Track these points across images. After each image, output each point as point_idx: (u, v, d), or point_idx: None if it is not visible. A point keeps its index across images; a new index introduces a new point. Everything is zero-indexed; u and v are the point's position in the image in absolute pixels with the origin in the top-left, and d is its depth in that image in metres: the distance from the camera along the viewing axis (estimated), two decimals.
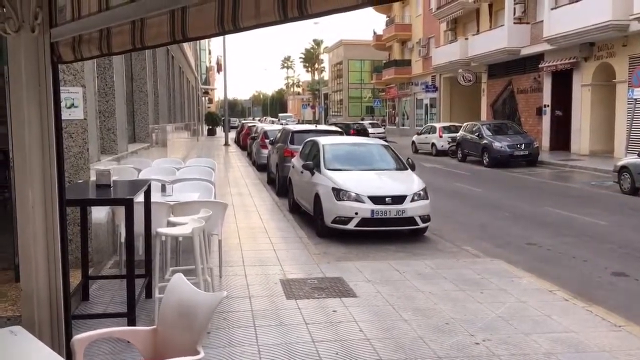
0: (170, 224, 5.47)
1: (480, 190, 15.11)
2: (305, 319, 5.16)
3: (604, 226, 10.10)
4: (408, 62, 45.52)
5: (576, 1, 22.09)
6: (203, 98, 56.86)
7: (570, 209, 11.65)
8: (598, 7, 20.54)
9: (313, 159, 10.20)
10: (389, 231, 8.85)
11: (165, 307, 3.03)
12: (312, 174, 9.76)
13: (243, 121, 48.79)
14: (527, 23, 27.13)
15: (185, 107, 27.76)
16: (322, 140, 10.80)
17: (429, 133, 28.32)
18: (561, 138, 25.03)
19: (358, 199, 8.64)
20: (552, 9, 23.86)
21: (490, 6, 31.08)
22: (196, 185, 7.78)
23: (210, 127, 51.67)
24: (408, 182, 9.20)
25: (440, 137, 26.90)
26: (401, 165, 10.06)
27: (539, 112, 26.66)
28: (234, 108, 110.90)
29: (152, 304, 5.09)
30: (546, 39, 24.08)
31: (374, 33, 53.71)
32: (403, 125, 47.96)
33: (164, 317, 3.03)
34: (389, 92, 51.51)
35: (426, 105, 42.41)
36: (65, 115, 5.73)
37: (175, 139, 19.09)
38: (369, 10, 44.06)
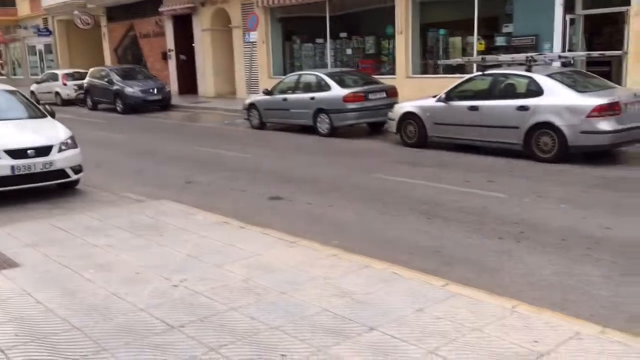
0: None
1: (123, 136, 14.52)
2: None
3: (248, 158, 10.92)
4: (12, 2, 39.76)
5: None
6: None
7: (215, 147, 12.20)
8: None
9: None
10: (35, 188, 7.72)
11: None
12: None
13: None
14: None
15: None
16: None
17: (51, 81, 25.62)
18: (188, 82, 25.75)
19: None
20: None
21: None
22: None
23: None
24: (52, 131, 8.09)
25: (65, 84, 24.62)
26: (38, 113, 8.77)
27: (165, 56, 26.78)
28: None
29: None
30: None
31: None
32: (15, 74, 42.24)
33: None
34: None
35: (40, 51, 38.10)
36: None
37: None
38: None
